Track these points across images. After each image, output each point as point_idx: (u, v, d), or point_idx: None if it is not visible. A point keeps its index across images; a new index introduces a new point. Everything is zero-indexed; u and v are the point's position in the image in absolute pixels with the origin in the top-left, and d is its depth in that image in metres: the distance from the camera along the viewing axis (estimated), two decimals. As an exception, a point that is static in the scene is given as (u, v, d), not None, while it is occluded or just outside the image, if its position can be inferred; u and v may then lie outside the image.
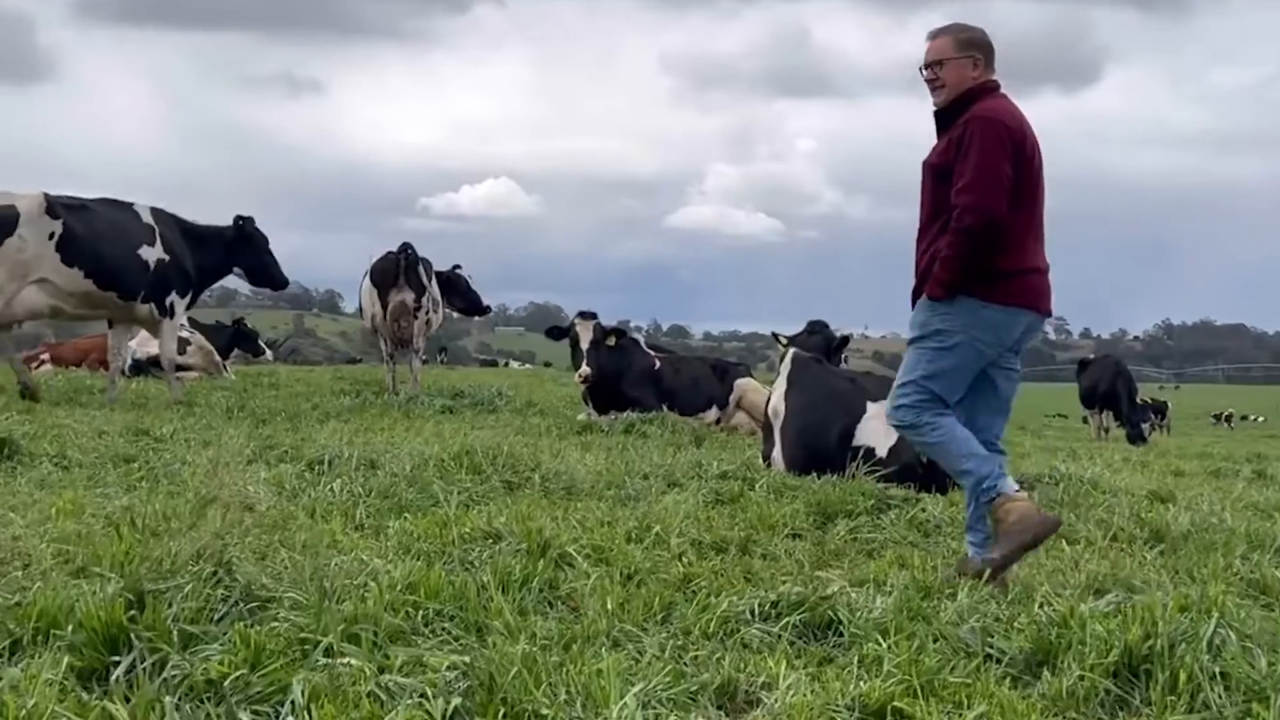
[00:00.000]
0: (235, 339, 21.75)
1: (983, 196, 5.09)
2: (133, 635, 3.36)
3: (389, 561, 4.53)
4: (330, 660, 3.28)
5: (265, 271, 13.31)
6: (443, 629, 3.78)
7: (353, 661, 3.27)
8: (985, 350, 5.26)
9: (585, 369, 11.78)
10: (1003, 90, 5.41)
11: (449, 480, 6.64)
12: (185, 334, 17.72)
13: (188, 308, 12.90)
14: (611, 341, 12.04)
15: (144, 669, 3.20)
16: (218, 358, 18.94)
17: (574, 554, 4.85)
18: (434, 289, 14.69)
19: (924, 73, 5.46)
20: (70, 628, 3.40)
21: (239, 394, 13.62)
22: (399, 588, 4.03)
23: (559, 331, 12.48)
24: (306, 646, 3.40)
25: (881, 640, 3.83)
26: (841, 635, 3.99)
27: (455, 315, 17.29)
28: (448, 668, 3.30)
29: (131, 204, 12.11)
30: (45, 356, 22.80)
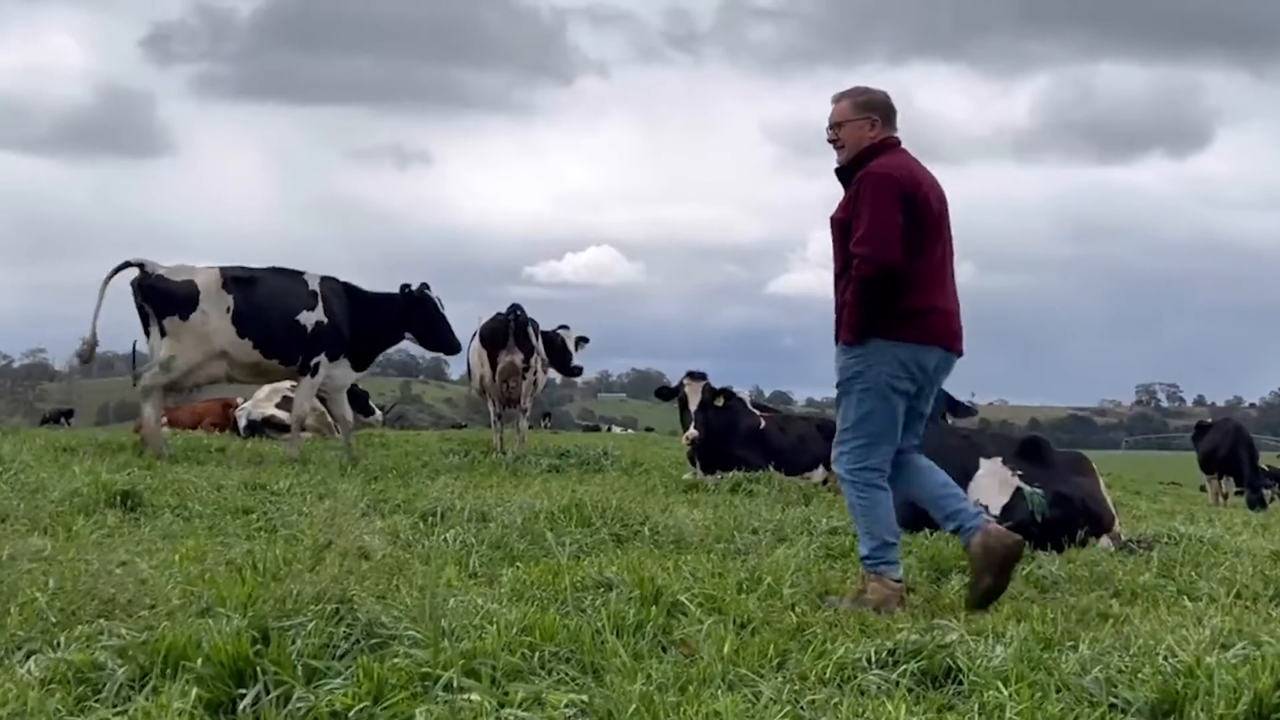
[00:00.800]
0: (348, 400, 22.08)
1: (876, 247, 5.51)
2: (258, 668, 3.43)
3: (503, 606, 4.57)
4: (451, 695, 3.32)
5: (437, 336, 13.44)
6: (558, 669, 3.80)
7: (474, 696, 3.31)
8: (903, 386, 5.65)
9: (693, 431, 11.78)
10: (903, 146, 5.87)
11: (559, 532, 6.68)
12: (297, 395, 18.08)
13: (359, 370, 13.17)
14: (720, 402, 12.03)
15: (269, 701, 3.27)
16: (329, 418, 19.24)
17: (686, 602, 4.85)
18: (541, 349, 14.85)
19: (827, 134, 5.92)
20: (199, 660, 3.48)
21: (350, 453, 13.83)
22: (515, 629, 4.07)
23: (668, 392, 12.49)
24: (427, 682, 3.45)
25: (1003, 688, 3.77)
26: (961, 683, 3.93)
27: (558, 380, 17.44)
28: (566, 705, 3.33)
29: (302, 272, 12.57)
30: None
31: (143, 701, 3.21)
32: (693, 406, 11.84)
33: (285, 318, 12.12)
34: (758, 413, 12.72)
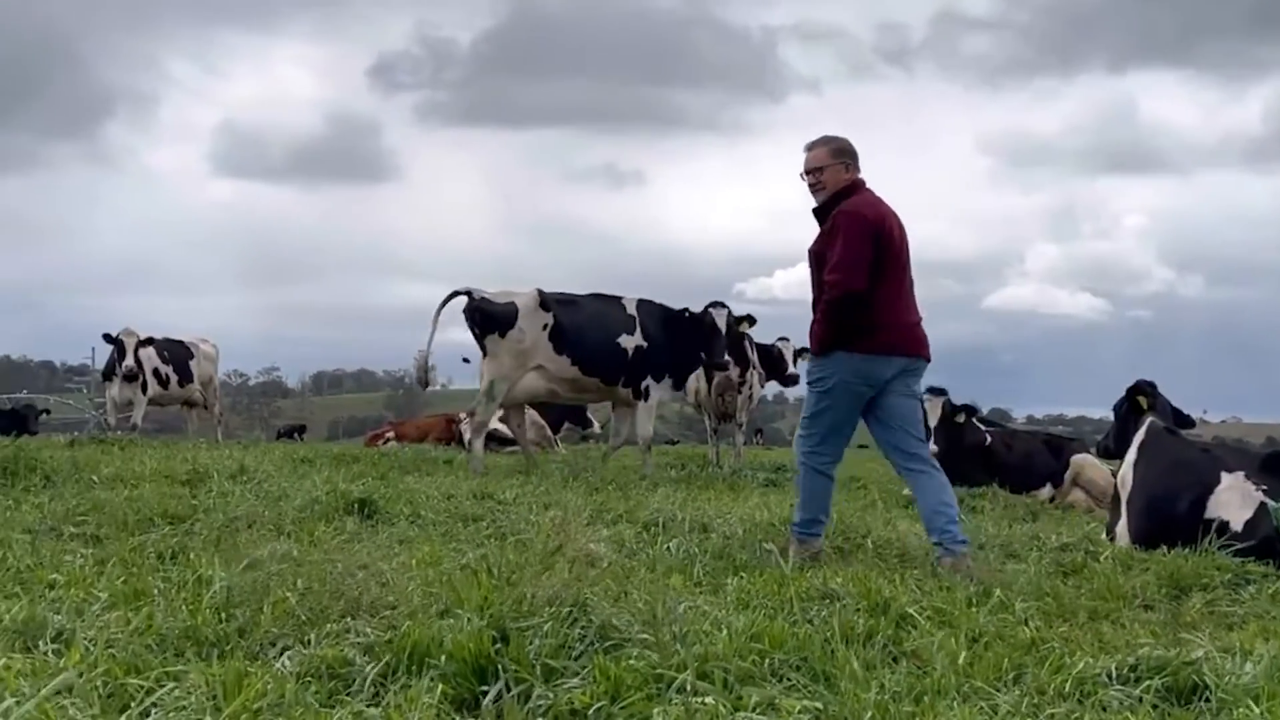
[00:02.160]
0: (565, 413, 22.55)
1: (846, 275, 6.56)
2: (499, 666, 3.53)
3: (730, 613, 4.59)
4: (685, 697, 3.35)
5: (715, 352, 13.42)
6: (788, 676, 3.80)
7: (708, 699, 3.33)
8: (858, 389, 6.74)
9: (932, 445, 11.61)
10: (868, 186, 6.90)
11: (780, 544, 6.68)
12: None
13: (676, 388, 13.41)
14: (960, 419, 11.85)
15: (510, 698, 3.36)
16: (549, 432, 19.66)
17: (915, 614, 4.79)
18: (756, 363, 14.86)
19: (805, 178, 6.95)
20: (442, 658, 3.60)
21: (571, 465, 14.08)
22: (743, 636, 4.08)
23: None
24: (660, 684, 3.49)
25: (1254, 706, 3.60)
26: (1208, 700, 3.77)
27: (769, 396, 17.35)
28: (800, 711, 3.32)
29: (620, 297, 13.02)
30: (390, 434, 24.27)
31: (394, 695, 3.34)
32: (932, 423, 11.68)
33: (605, 339, 12.58)
34: (983, 428, 12.47)
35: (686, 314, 13.03)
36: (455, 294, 12.42)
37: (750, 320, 13.25)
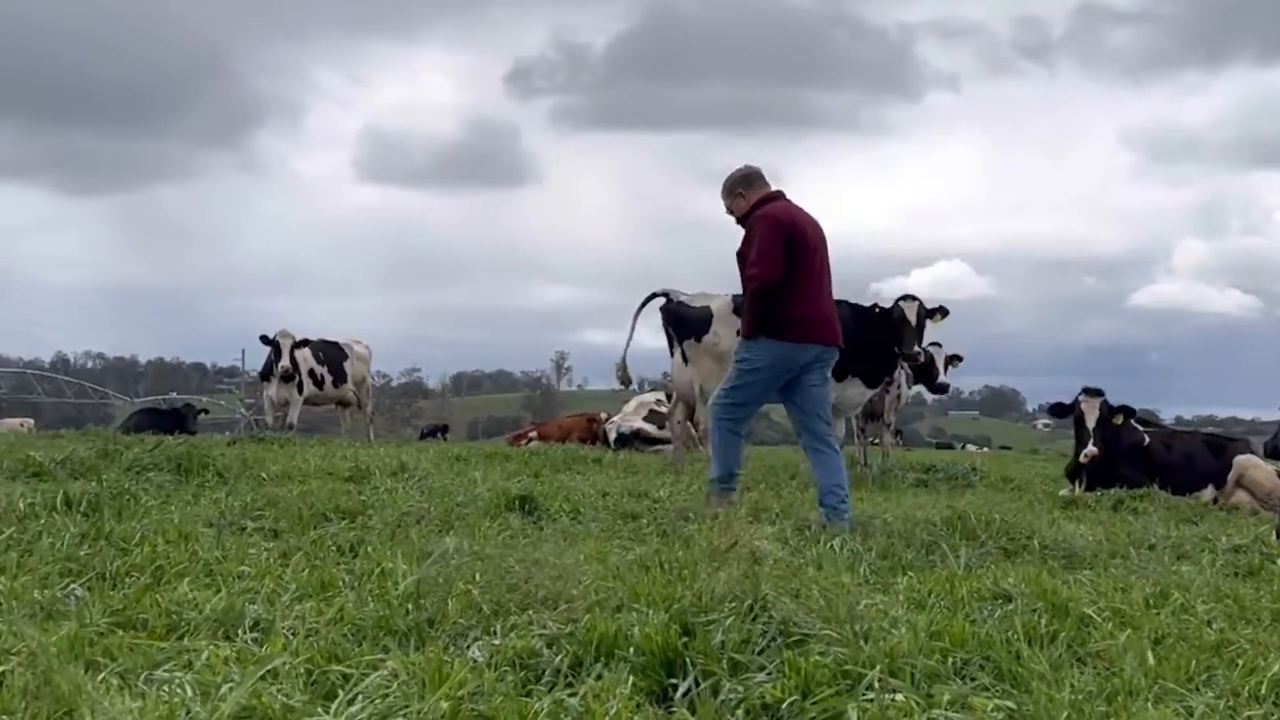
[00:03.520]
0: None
1: (763, 269, 7.73)
2: (687, 660, 3.57)
3: (906, 611, 4.57)
4: (876, 693, 3.35)
5: (906, 344, 13.17)
6: (973, 675, 3.77)
7: (898, 696, 3.33)
8: (780, 371, 7.93)
9: (1092, 448, 11.40)
10: (784, 195, 8.12)
11: (943, 544, 6.61)
12: (665, 409, 18.57)
13: (869, 386, 13.22)
14: (1118, 420, 11.60)
15: (702, 690, 3.40)
16: (694, 431, 19.69)
17: (1094, 615, 4.72)
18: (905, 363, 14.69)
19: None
20: (630, 650, 3.65)
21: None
22: (924, 634, 4.06)
23: (1063, 409, 12.08)
24: (849, 679, 3.49)
25: None
26: None
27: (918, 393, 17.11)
28: (993, 709, 3.30)
29: None
30: (533, 434, 24.58)
31: (592, 682, 3.39)
32: (1090, 424, 11.45)
33: None
34: (1140, 429, 12.17)
35: (876, 309, 12.92)
36: (653, 295, 12.61)
37: (943, 312, 13.00)
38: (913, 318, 12.64)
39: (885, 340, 12.76)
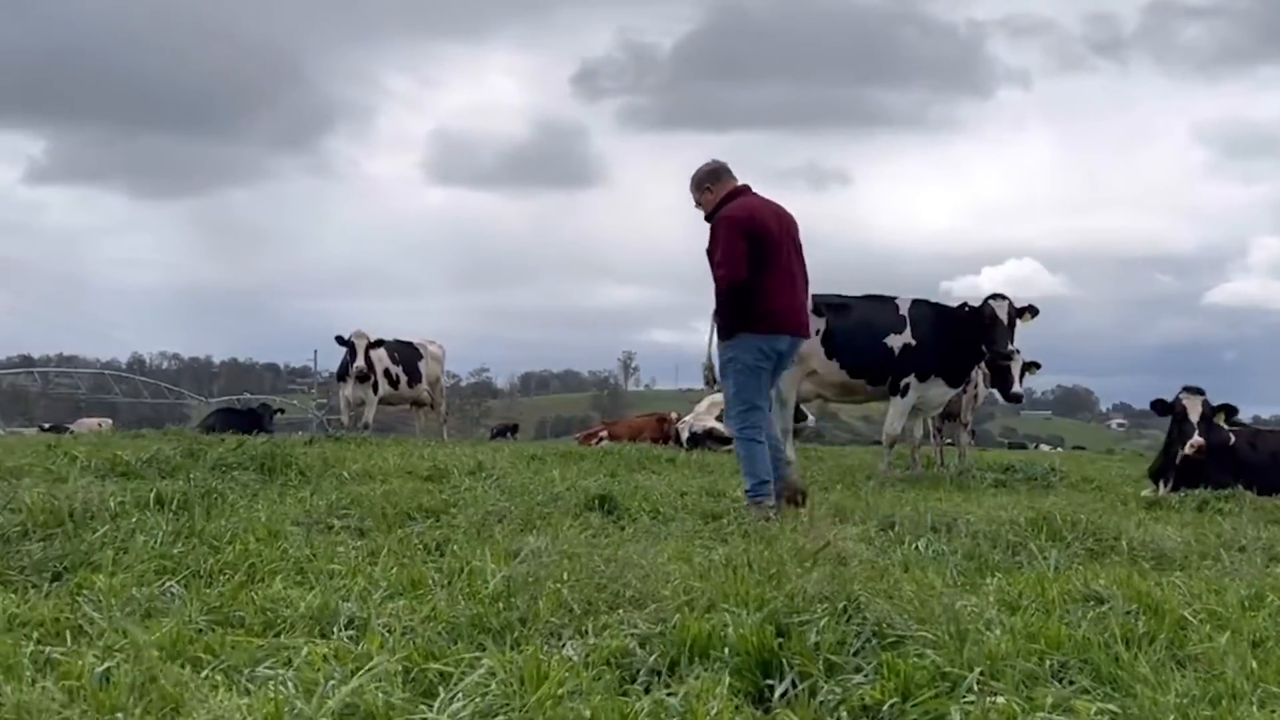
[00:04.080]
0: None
1: (728, 269, 7.98)
2: (783, 660, 3.55)
3: (998, 612, 4.52)
4: (978, 695, 3.31)
5: (996, 342, 12.95)
6: (1070, 677, 3.72)
7: (999, 699, 3.29)
8: (764, 364, 8.17)
9: (1198, 439, 11.19)
10: (750, 189, 8.36)
11: (1029, 545, 6.54)
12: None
13: (952, 385, 13.13)
14: (1220, 418, 11.40)
15: (800, 691, 3.38)
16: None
17: (1189, 618, 4.64)
18: (982, 364, 14.53)
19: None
20: (725, 650, 3.65)
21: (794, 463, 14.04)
22: (1020, 636, 4.02)
23: (1163, 406, 11.87)
24: (948, 681, 3.46)
25: None
26: None
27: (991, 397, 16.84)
28: (1096, 713, 3.26)
29: (894, 297, 12.98)
30: (604, 434, 24.62)
31: (688, 684, 3.39)
32: (1194, 418, 11.25)
33: (873, 341, 12.58)
34: (1225, 428, 11.95)
35: (965, 308, 12.83)
36: None
37: (1033, 311, 12.84)
38: (1004, 316, 12.51)
39: (973, 340, 12.65)
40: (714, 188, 8.30)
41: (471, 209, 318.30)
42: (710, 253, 8.17)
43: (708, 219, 8.29)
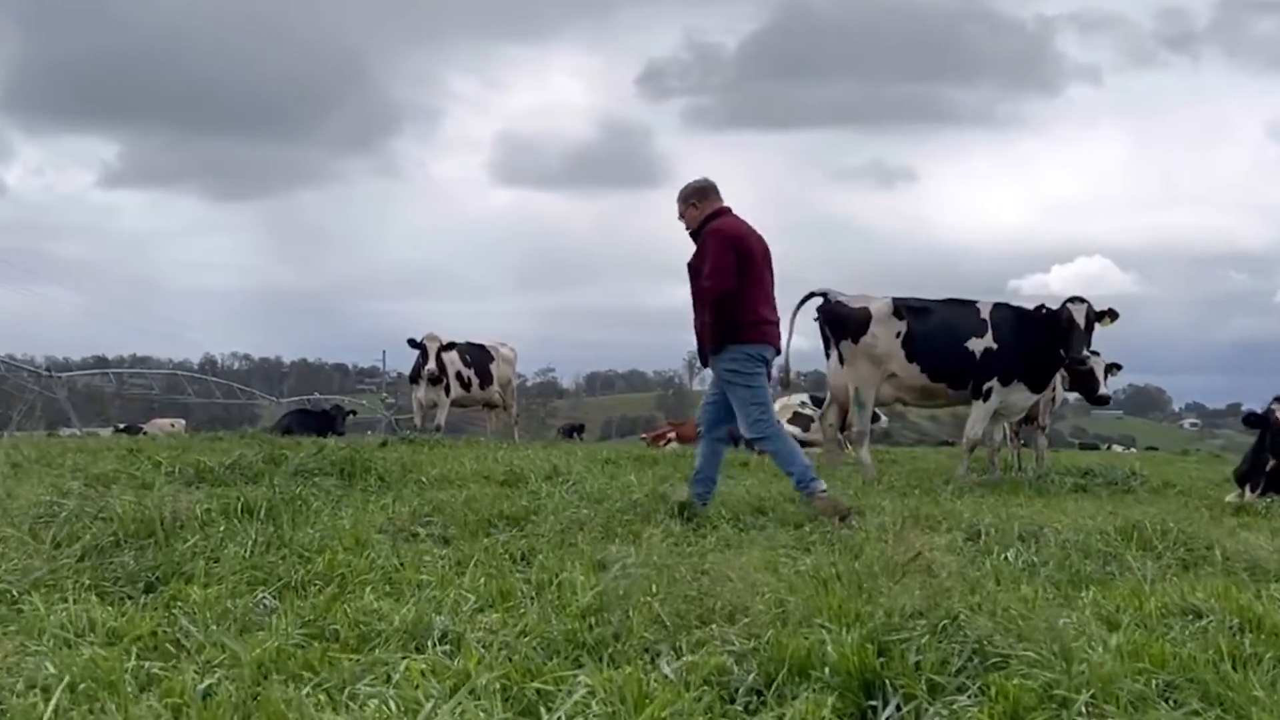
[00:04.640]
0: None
1: (717, 279, 8.22)
2: (886, 681, 3.50)
3: (1096, 629, 4.43)
4: (1088, 718, 3.25)
5: (1073, 347, 12.72)
6: (1178, 700, 3.63)
7: (1113, 722, 3.22)
8: (759, 369, 8.42)
9: None
10: (732, 211, 8.54)
11: (1118, 555, 6.42)
12: (810, 412, 18.45)
13: (1035, 390, 12.98)
14: None
15: (901, 715, 3.32)
16: (839, 435, 19.49)
17: (1293, 633, 4.52)
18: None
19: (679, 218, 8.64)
20: (825, 669, 3.59)
21: (867, 468, 13.90)
22: (1125, 655, 3.93)
23: (1256, 418, 11.61)
24: (1055, 703, 3.39)
25: None
26: None
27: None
28: (1211, 736, 3.18)
29: (975, 301, 12.92)
30: (671, 435, 24.58)
31: (791, 706, 3.34)
32: None
33: (954, 344, 12.52)
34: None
35: (1043, 310, 12.67)
36: (811, 295, 12.52)
37: (1112, 315, 12.63)
38: (1081, 320, 12.33)
39: (1052, 344, 12.47)
40: (700, 205, 8.55)
41: (537, 210, 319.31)
42: (694, 266, 8.47)
43: (692, 234, 8.56)
